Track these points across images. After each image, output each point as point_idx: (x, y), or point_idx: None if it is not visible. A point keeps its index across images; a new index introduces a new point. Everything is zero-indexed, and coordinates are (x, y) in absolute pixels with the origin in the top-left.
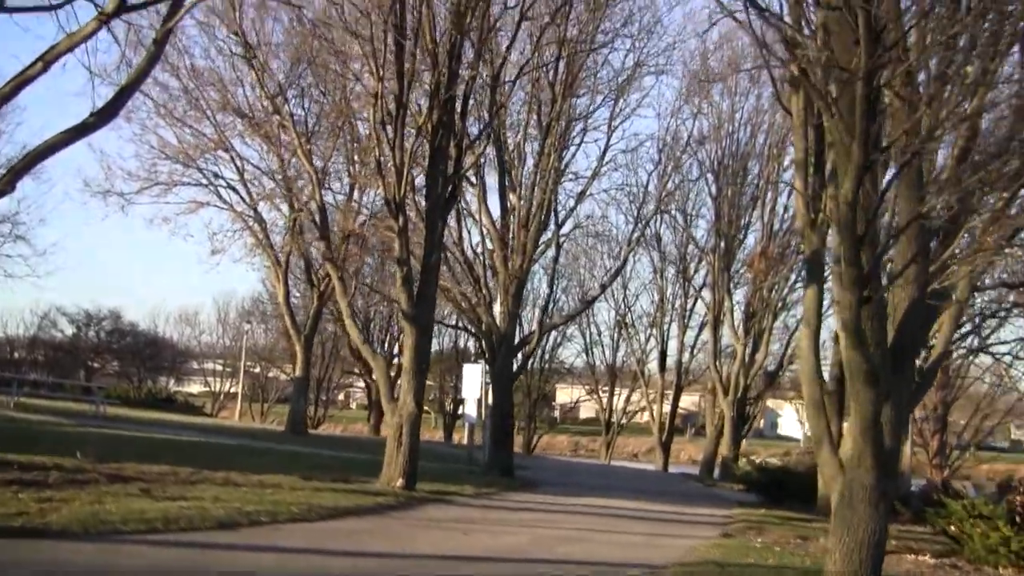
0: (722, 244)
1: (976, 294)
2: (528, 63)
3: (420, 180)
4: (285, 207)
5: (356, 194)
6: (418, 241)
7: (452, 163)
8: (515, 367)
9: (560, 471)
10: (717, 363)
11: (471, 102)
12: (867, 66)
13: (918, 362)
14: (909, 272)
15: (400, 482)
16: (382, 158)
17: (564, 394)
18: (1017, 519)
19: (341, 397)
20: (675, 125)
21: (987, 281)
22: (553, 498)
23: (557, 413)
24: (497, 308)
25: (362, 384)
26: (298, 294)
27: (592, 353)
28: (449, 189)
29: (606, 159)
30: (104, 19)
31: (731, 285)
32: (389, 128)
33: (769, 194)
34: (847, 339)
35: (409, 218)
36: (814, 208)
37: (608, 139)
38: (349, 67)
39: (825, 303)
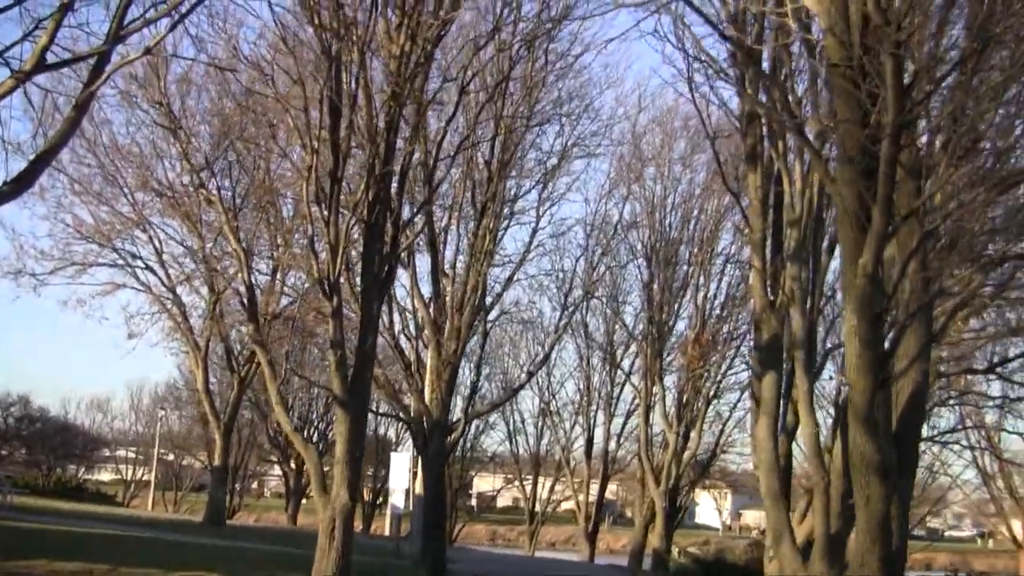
0: (654, 330)
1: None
2: (467, 139)
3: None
4: (205, 290)
5: (279, 275)
6: (351, 325)
7: (389, 242)
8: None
9: (492, 563)
10: (649, 452)
11: (407, 178)
12: (895, 122)
13: None
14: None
15: None
16: (315, 236)
17: (485, 482)
18: None
19: (255, 485)
20: (604, 210)
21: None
22: None
23: (475, 502)
24: (428, 394)
25: (278, 472)
26: (215, 380)
27: (515, 441)
28: (386, 269)
29: (534, 244)
30: (21, 78)
31: (663, 372)
32: (322, 205)
33: (701, 279)
34: (859, 428)
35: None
36: (772, 289)
37: (536, 223)
38: (276, 142)
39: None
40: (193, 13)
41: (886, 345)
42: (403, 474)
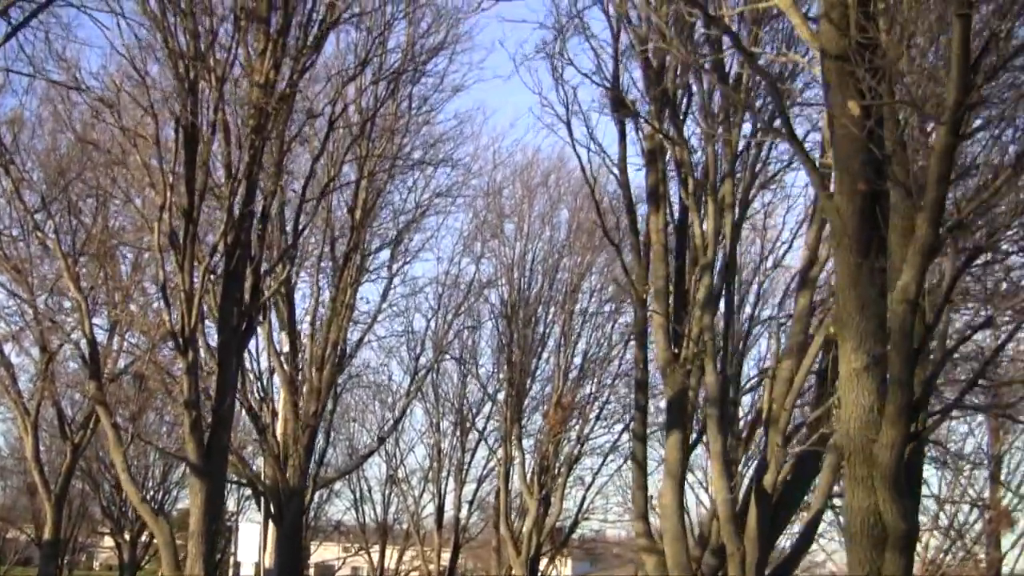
0: (513, 392)
1: None
2: (333, 180)
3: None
4: (36, 350)
5: (119, 333)
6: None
7: (249, 291)
8: None
9: None
10: (508, 519)
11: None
12: (957, 105)
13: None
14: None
15: None
16: (167, 284)
17: (326, 551)
18: None
19: (84, 558)
20: (457, 269)
21: None
22: None
23: (312, 572)
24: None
25: (110, 543)
26: (44, 447)
27: (362, 510)
28: (245, 322)
29: (385, 304)
30: None
31: (522, 435)
32: (176, 250)
33: (563, 340)
34: (886, 493)
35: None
36: (676, 342)
37: (390, 281)
38: (118, 184)
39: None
40: (28, 28)
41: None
42: (252, 546)
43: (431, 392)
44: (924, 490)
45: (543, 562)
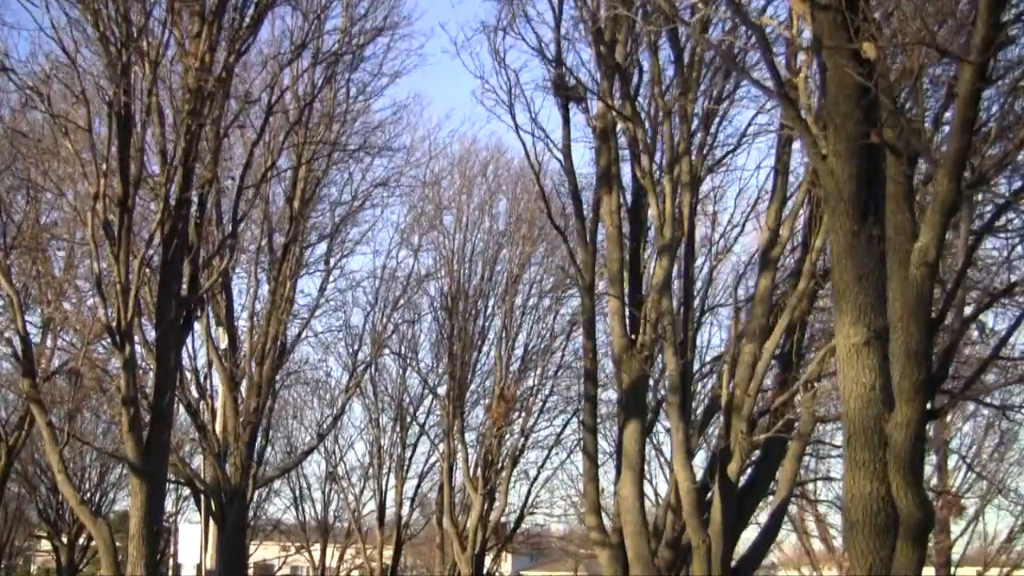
0: (455, 386)
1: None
2: (272, 167)
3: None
4: None
5: (52, 331)
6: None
7: (187, 283)
8: None
9: None
10: (452, 515)
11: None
12: (985, 42)
13: None
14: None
15: None
16: (103, 272)
17: (264, 551)
18: None
19: (20, 562)
20: (394, 262)
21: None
22: None
23: (251, 572)
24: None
25: (47, 546)
26: None
27: (302, 508)
28: (184, 314)
29: (322, 299)
30: None
31: (464, 430)
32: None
33: (504, 332)
34: (901, 478)
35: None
36: (633, 328)
37: (327, 275)
38: (49, 176)
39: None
40: None
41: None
42: (194, 548)
43: (370, 388)
44: None
45: (488, 558)
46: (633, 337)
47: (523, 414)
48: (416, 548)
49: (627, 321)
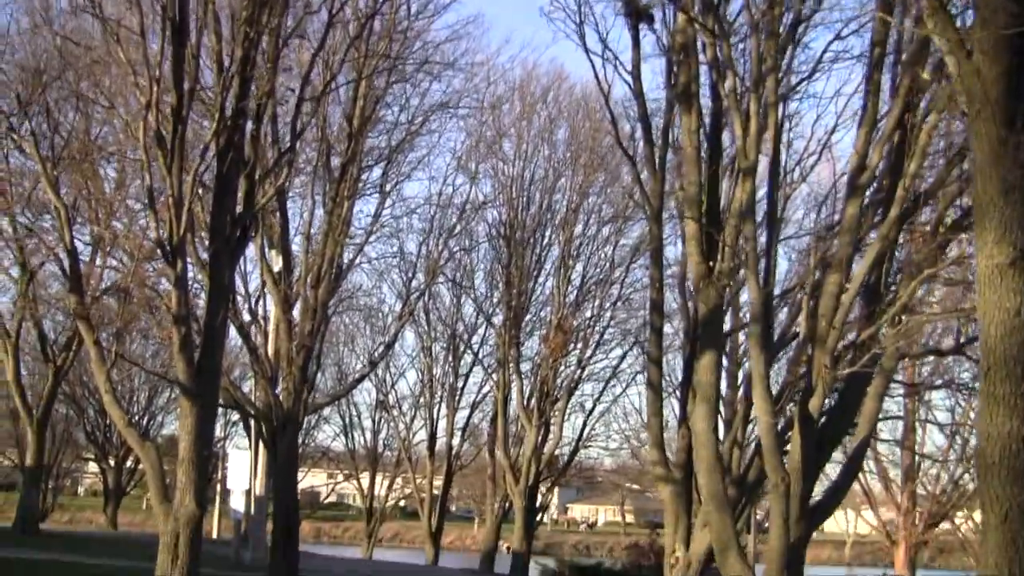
0: (511, 316)
1: None
2: (332, 80)
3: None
4: (16, 269)
5: (102, 250)
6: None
7: (243, 198)
8: None
9: (341, 574)
10: (506, 446)
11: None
12: None
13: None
14: None
15: None
16: (155, 187)
17: (310, 478)
18: None
19: (68, 483)
20: (450, 189)
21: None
22: None
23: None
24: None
25: (94, 468)
26: (26, 371)
27: (351, 436)
28: (239, 231)
29: (377, 225)
30: None
31: (520, 362)
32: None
33: (562, 261)
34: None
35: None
36: (711, 255)
37: (382, 200)
38: (100, 88)
39: None
40: None
41: None
42: (243, 474)
43: (423, 316)
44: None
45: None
46: (711, 264)
47: (580, 345)
48: (466, 479)
49: (704, 247)
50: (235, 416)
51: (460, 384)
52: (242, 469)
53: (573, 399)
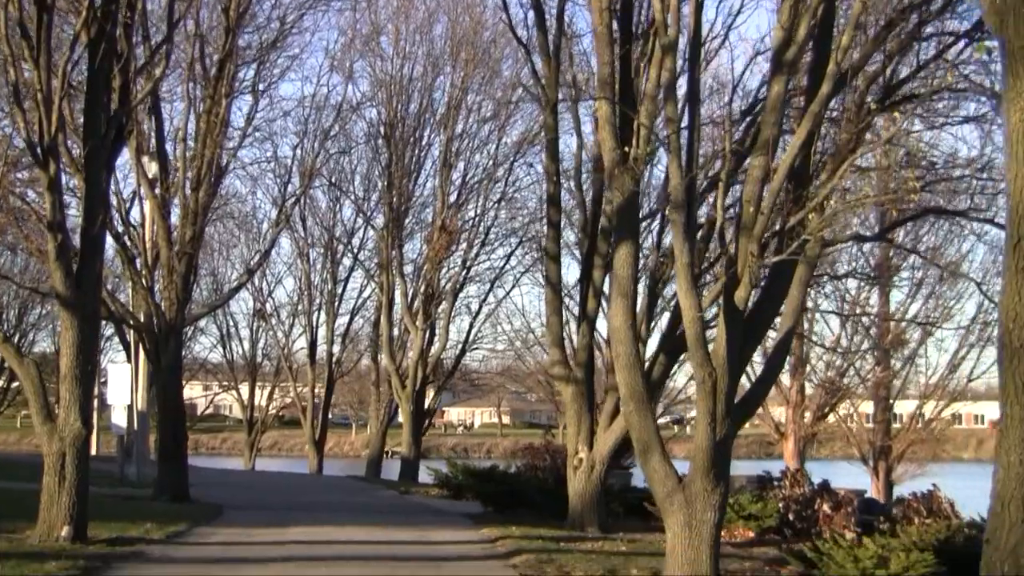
0: (393, 217)
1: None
2: None
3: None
4: None
5: None
6: None
7: (117, 94)
8: None
9: (228, 486)
10: (391, 350)
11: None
12: None
13: None
14: None
15: (66, 531)
16: (20, 82)
17: (194, 391)
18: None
19: None
20: (325, 90)
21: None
22: (258, 531)
23: None
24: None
25: None
26: None
27: (229, 347)
28: (115, 131)
29: (249, 128)
30: None
31: (403, 264)
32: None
33: (443, 159)
34: None
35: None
36: (625, 139)
37: (255, 103)
38: None
39: None
40: None
41: None
42: (123, 388)
43: (299, 222)
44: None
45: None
46: (625, 149)
47: (464, 246)
48: (348, 385)
49: (618, 131)
50: (109, 330)
51: (339, 290)
52: (122, 383)
53: (458, 301)
